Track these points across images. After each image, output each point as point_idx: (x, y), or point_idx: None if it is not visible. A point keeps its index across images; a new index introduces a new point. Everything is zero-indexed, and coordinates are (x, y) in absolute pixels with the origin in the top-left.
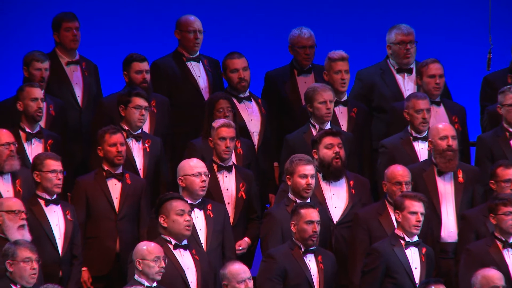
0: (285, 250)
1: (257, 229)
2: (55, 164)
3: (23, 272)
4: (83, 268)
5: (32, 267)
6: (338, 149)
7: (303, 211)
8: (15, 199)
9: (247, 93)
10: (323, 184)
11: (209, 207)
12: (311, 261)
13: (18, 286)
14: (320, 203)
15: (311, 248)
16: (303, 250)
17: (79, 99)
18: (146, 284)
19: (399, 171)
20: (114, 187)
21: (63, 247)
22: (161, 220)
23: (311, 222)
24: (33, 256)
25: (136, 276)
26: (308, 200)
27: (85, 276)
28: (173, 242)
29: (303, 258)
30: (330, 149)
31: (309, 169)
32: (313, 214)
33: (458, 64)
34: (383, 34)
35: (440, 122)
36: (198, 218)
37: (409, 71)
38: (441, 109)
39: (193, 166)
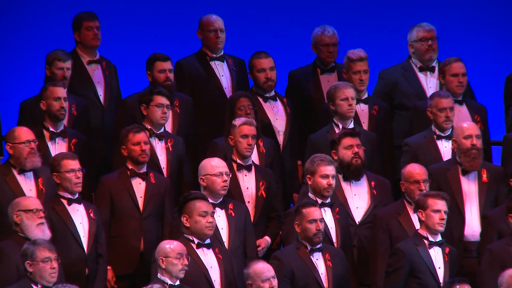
0: (292, 250)
1: (277, 228)
2: (72, 164)
3: (43, 272)
4: (107, 267)
5: (52, 267)
6: (357, 149)
7: (305, 210)
8: (32, 198)
9: (272, 93)
10: (344, 185)
11: (230, 206)
12: (318, 260)
13: (39, 286)
14: (341, 204)
15: (318, 247)
16: (309, 249)
17: (101, 98)
18: (169, 282)
19: (416, 170)
20: (139, 186)
21: (88, 245)
22: (183, 219)
23: (314, 220)
24: (52, 256)
25: (159, 275)
26: (329, 200)
27: (109, 275)
28: (196, 241)
29: (310, 257)
30: (349, 149)
31: (330, 169)
32: (315, 212)
33: (481, 63)
34: (406, 33)
35: (463, 121)
36: (220, 217)
37: (432, 70)
38: (464, 108)
39: (215, 166)
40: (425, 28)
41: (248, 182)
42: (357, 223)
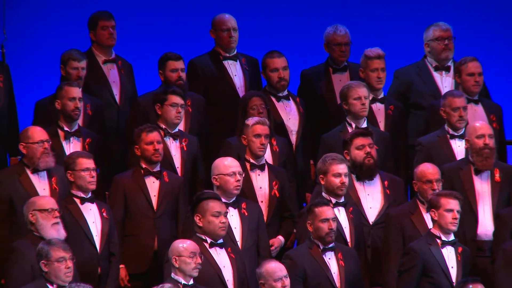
0: (304, 250)
1: (291, 227)
2: (87, 162)
3: (58, 272)
4: (121, 266)
5: (67, 266)
6: (369, 149)
7: (317, 209)
8: (47, 197)
9: (285, 92)
10: (357, 185)
11: (243, 205)
12: (330, 259)
13: (54, 286)
14: (355, 204)
15: (330, 246)
16: (321, 248)
17: (117, 97)
18: (183, 282)
19: (429, 169)
20: (152, 185)
21: (101, 244)
22: (196, 219)
23: (326, 220)
24: (66, 255)
25: (172, 274)
26: (342, 199)
27: (122, 274)
28: (209, 240)
29: (322, 256)
30: (361, 149)
31: (343, 168)
32: (328, 211)
33: (496, 62)
34: (420, 33)
35: (479, 120)
36: (233, 217)
37: (447, 69)
38: (480, 108)
39: (228, 166)
40: (441, 28)
41: (261, 182)
42: (371, 223)
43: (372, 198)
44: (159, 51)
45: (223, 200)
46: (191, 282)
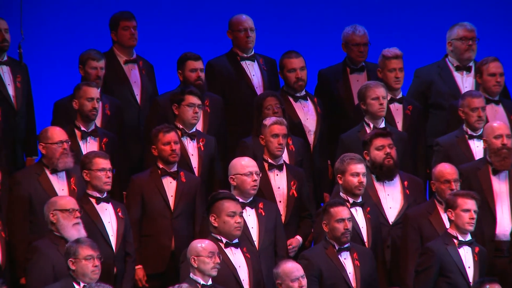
0: (319, 250)
1: (309, 227)
2: (103, 163)
3: (85, 270)
4: (138, 266)
5: (94, 265)
6: (389, 149)
7: (333, 209)
8: (68, 198)
9: (303, 92)
10: (377, 185)
11: (260, 205)
12: (346, 259)
13: (81, 284)
14: (374, 204)
15: (345, 246)
16: (337, 248)
17: (138, 98)
18: (202, 282)
19: (447, 169)
20: (169, 185)
21: (117, 244)
22: (211, 219)
23: (342, 220)
24: (94, 254)
25: (191, 274)
26: (360, 199)
27: (140, 274)
28: (224, 240)
29: (338, 256)
30: (381, 150)
31: (361, 167)
32: (343, 212)
33: None
34: (439, 33)
35: (497, 120)
36: (250, 217)
37: (468, 69)
38: (500, 108)
39: (245, 165)
40: (466, 28)
41: (279, 182)
42: (391, 223)
43: (392, 198)
44: (179, 51)
45: (240, 200)
46: (210, 282)
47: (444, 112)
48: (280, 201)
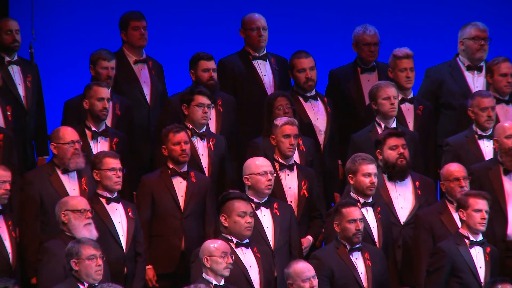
0: (331, 250)
1: (319, 227)
2: (113, 162)
3: (88, 270)
4: (149, 266)
5: (97, 264)
6: (403, 149)
7: (344, 210)
8: (80, 198)
9: (313, 92)
10: (389, 185)
11: (275, 205)
12: (358, 259)
13: (85, 284)
14: (386, 204)
15: (357, 246)
16: (348, 248)
17: (148, 98)
18: (214, 282)
19: (455, 168)
20: (179, 185)
21: (127, 244)
22: (222, 219)
23: (354, 220)
24: (97, 253)
25: (204, 274)
26: (371, 199)
27: (150, 274)
28: (235, 240)
29: (349, 256)
30: (394, 150)
31: (372, 168)
32: (355, 212)
33: None
34: (450, 32)
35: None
36: (265, 217)
37: (479, 69)
38: (511, 108)
39: (259, 165)
40: (479, 27)
41: (290, 182)
42: (402, 223)
43: (403, 198)
44: (190, 51)
45: (255, 200)
46: (222, 282)
47: (454, 112)
48: (291, 201)
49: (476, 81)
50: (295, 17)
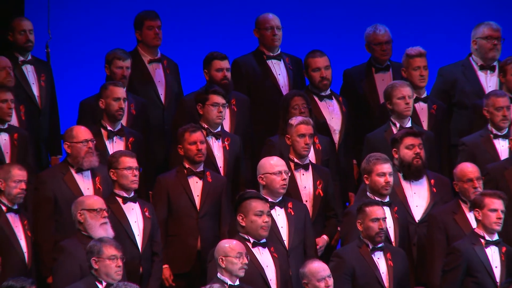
0: (353, 248)
1: (335, 227)
2: (130, 161)
3: (108, 270)
4: (165, 266)
5: (117, 265)
6: (419, 149)
7: (368, 209)
8: (96, 197)
9: (328, 92)
10: (404, 183)
11: (290, 205)
12: (379, 259)
13: (104, 284)
14: (401, 202)
15: (379, 246)
16: (371, 248)
17: (162, 97)
18: (229, 282)
19: (468, 168)
20: (195, 185)
21: (143, 244)
22: (239, 218)
23: (377, 219)
24: (118, 254)
25: (218, 274)
26: (387, 199)
27: (166, 274)
28: (252, 240)
29: (371, 256)
30: (411, 149)
31: (387, 167)
32: (378, 211)
33: None
34: (464, 31)
35: None
36: (280, 216)
37: (492, 69)
38: None
39: (274, 165)
40: (492, 27)
41: (305, 181)
42: (417, 221)
43: (418, 197)
44: (204, 50)
45: (270, 199)
46: (237, 282)
47: (467, 111)
48: (306, 201)
49: (489, 81)
50: (309, 17)
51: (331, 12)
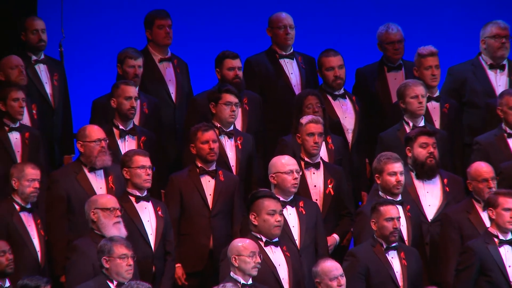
0: (367, 248)
1: (348, 226)
2: (143, 160)
3: (119, 269)
4: (177, 265)
5: (128, 264)
6: (433, 149)
7: (382, 208)
8: (109, 196)
9: (341, 91)
10: (417, 182)
11: (301, 204)
12: (393, 258)
13: (115, 283)
14: (413, 201)
15: (393, 245)
16: (385, 247)
17: (173, 96)
18: (242, 281)
19: (483, 168)
20: (208, 184)
21: (155, 243)
22: (251, 217)
23: (391, 219)
24: (129, 253)
25: (231, 273)
26: (399, 198)
27: (179, 272)
28: (264, 239)
29: (386, 255)
30: (425, 148)
31: (398, 166)
32: (392, 211)
33: None
34: (474, 31)
35: None
36: (291, 215)
37: (502, 68)
38: None
39: (285, 164)
40: (500, 25)
41: (316, 180)
42: (429, 220)
43: (431, 195)
44: (215, 49)
45: (281, 198)
46: (250, 281)
47: (478, 110)
48: (316, 199)
49: (498, 80)
50: (322, 16)
51: (344, 11)
